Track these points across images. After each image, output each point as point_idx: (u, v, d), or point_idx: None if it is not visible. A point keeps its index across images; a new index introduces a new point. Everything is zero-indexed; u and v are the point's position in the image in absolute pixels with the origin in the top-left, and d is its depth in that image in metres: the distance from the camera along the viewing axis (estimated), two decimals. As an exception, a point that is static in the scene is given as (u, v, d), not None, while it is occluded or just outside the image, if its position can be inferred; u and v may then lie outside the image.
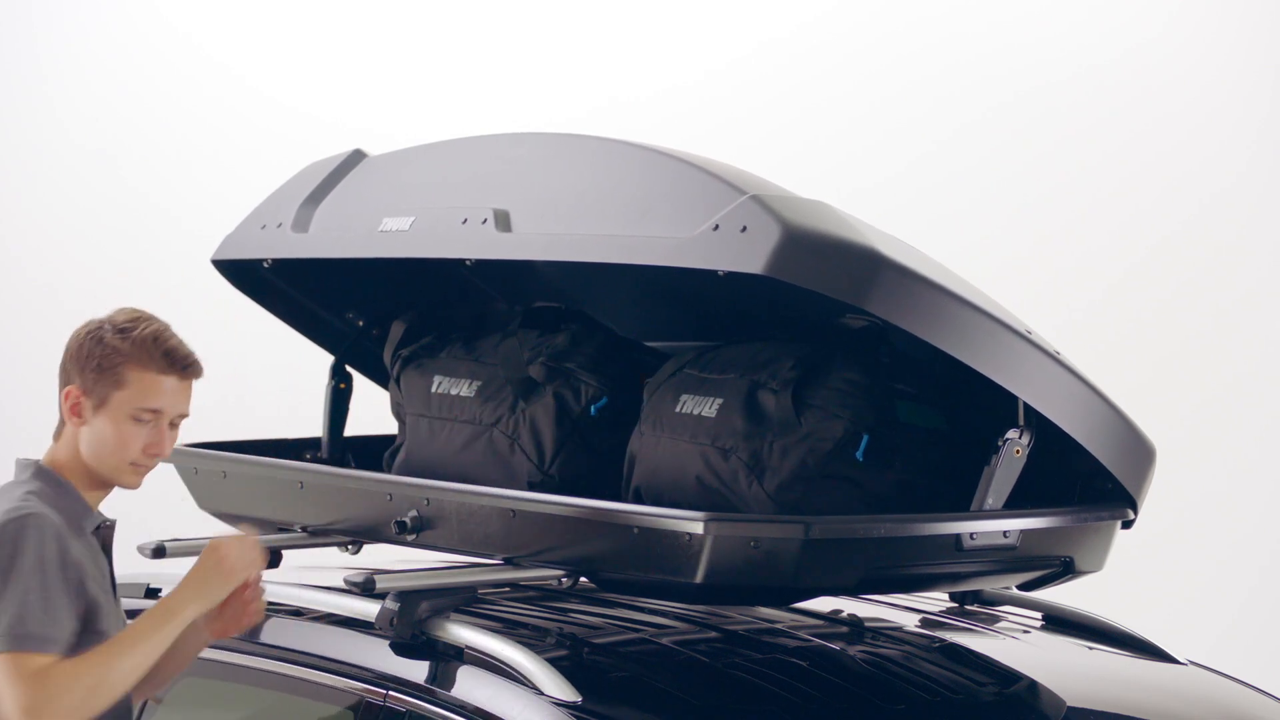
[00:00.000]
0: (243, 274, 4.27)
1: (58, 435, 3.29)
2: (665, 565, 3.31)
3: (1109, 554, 3.65)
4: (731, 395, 3.54)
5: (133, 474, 3.27)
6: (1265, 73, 7.72)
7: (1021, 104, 7.91)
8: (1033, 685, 3.54)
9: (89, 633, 3.16)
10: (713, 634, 3.64)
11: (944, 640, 3.78)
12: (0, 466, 3.53)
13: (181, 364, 3.27)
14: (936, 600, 4.08)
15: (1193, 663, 3.85)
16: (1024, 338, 3.39)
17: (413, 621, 3.40)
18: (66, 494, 3.24)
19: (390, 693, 3.37)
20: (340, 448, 4.42)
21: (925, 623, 3.93)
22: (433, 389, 4.01)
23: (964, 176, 7.96)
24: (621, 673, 3.42)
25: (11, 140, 8.72)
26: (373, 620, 3.44)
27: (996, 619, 4.00)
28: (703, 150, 3.71)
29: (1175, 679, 3.75)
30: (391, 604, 3.40)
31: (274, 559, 3.92)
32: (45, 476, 3.25)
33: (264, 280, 4.29)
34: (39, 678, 3.08)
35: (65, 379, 3.26)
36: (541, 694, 3.18)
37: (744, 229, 3.25)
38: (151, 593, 3.99)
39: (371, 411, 4.49)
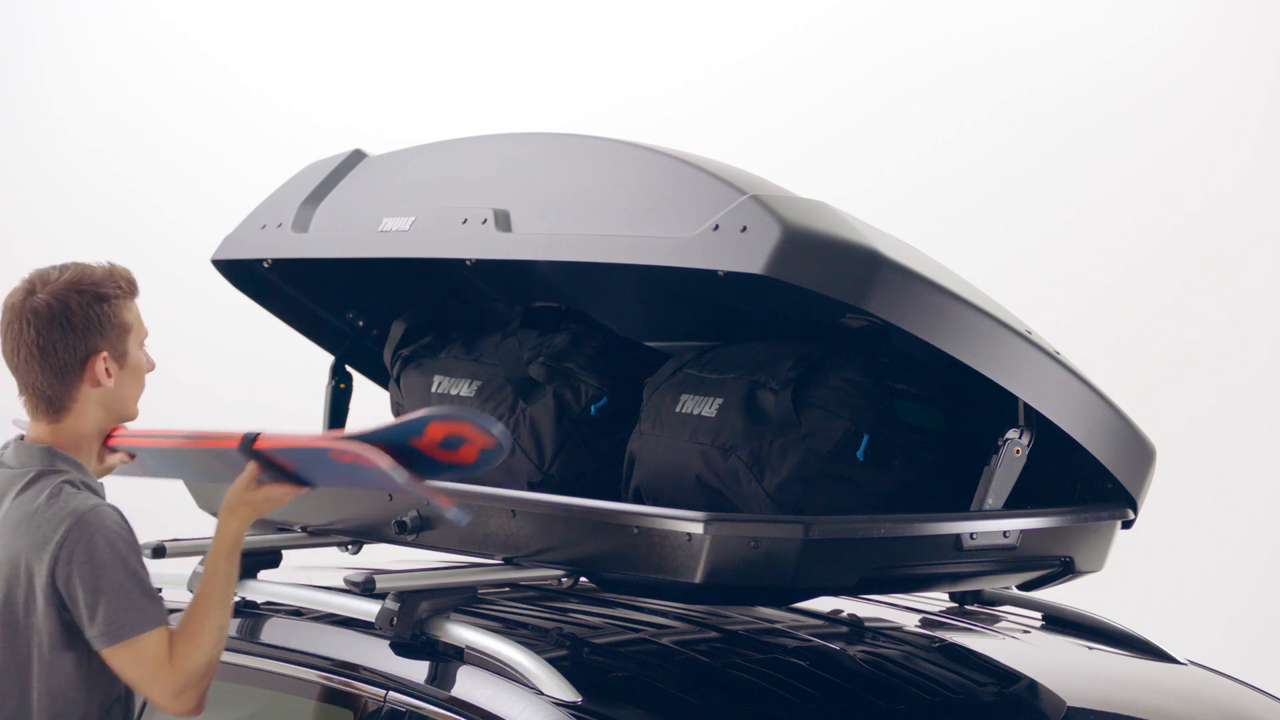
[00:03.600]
0: (243, 274, 4.27)
1: (59, 412, 3.26)
2: (665, 565, 3.30)
3: (1109, 554, 3.65)
4: (731, 395, 3.54)
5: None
6: (1265, 73, 7.72)
7: (1022, 104, 7.91)
8: (1033, 685, 3.54)
9: None
10: (713, 634, 3.64)
11: (944, 640, 3.78)
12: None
13: (135, 283, 3.34)
14: (936, 600, 4.08)
15: (1193, 663, 3.85)
16: (1024, 338, 3.38)
17: (413, 621, 3.40)
18: (85, 472, 3.28)
19: (390, 693, 3.37)
20: (340, 448, 4.41)
21: (925, 623, 3.93)
22: (433, 389, 4.01)
23: (964, 176, 7.96)
24: (621, 673, 3.42)
25: (11, 140, 8.72)
26: (373, 620, 3.44)
27: (996, 619, 4.00)
28: (703, 150, 3.71)
29: (1175, 679, 3.75)
30: (391, 604, 3.40)
31: (274, 559, 3.92)
32: (64, 459, 3.26)
33: (264, 280, 4.29)
34: (165, 654, 3.14)
35: (83, 350, 3.24)
36: (541, 694, 3.18)
37: (744, 229, 3.25)
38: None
39: (371, 411, 4.49)
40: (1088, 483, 3.60)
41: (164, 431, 3.46)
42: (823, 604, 3.86)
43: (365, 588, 3.43)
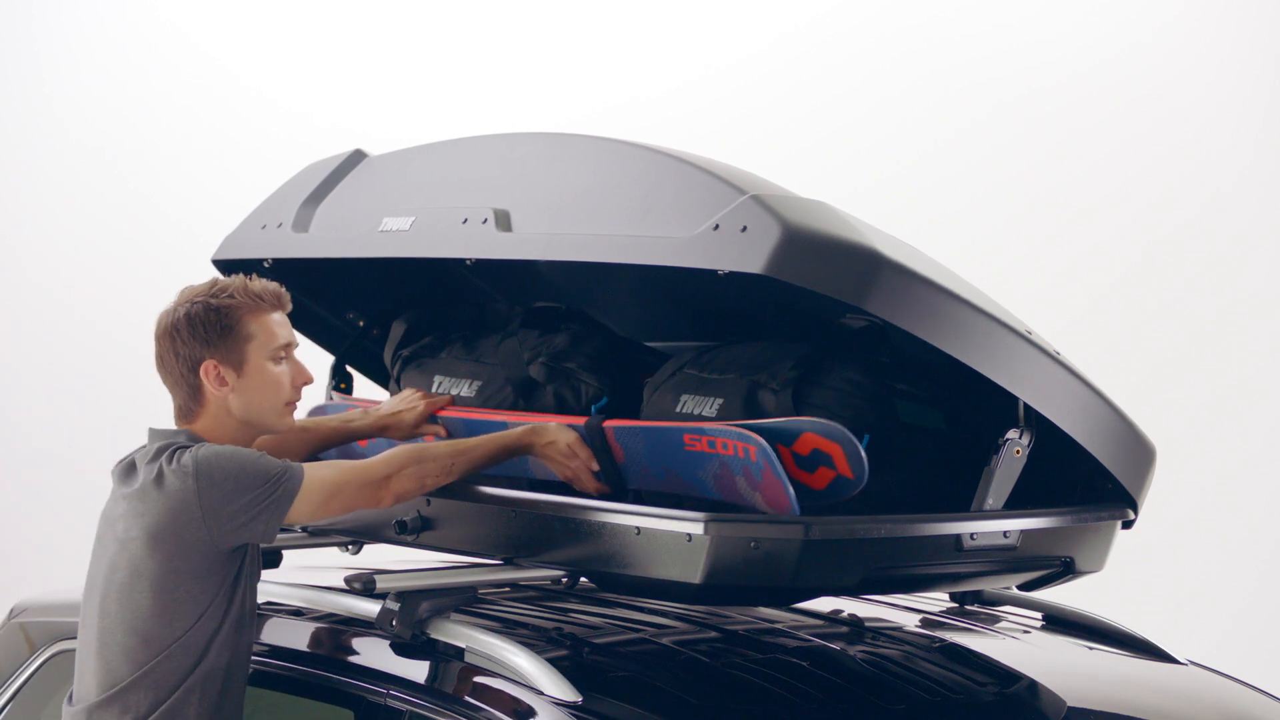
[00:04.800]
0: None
1: (192, 416, 3.45)
2: (665, 565, 3.30)
3: (1109, 554, 3.65)
4: (732, 395, 3.54)
5: (288, 413, 3.49)
6: (1265, 73, 7.72)
7: (1022, 104, 7.91)
8: (1033, 685, 3.54)
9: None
10: (713, 634, 3.64)
11: (944, 640, 3.78)
12: (1, 461, 3.56)
13: (278, 296, 3.50)
14: (936, 600, 4.08)
15: (1193, 663, 3.85)
16: (1024, 338, 3.38)
17: (413, 621, 3.40)
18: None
19: (390, 693, 3.37)
20: (340, 447, 4.41)
21: (925, 623, 3.93)
22: (433, 389, 4.01)
23: (964, 177, 7.96)
24: (621, 673, 3.42)
25: (11, 140, 8.72)
26: (373, 620, 3.44)
27: (996, 619, 4.00)
28: (703, 150, 3.71)
29: (1175, 679, 3.75)
30: (392, 604, 3.41)
31: (274, 559, 3.93)
32: (192, 436, 3.42)
33: (264, 280, 4.29)
34: (332, 471, 3.41)
35: (191, 360, 3.42)
36: (541, 694, 3.18)
37: (744, 229, 3.25)
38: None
39: (371, 412, 4.48)
40: (1088, 483, 3.60)
41: (491, 411, 3.75)
42: (823, 604, 3.86)
43: (365, 588, 3.44)
